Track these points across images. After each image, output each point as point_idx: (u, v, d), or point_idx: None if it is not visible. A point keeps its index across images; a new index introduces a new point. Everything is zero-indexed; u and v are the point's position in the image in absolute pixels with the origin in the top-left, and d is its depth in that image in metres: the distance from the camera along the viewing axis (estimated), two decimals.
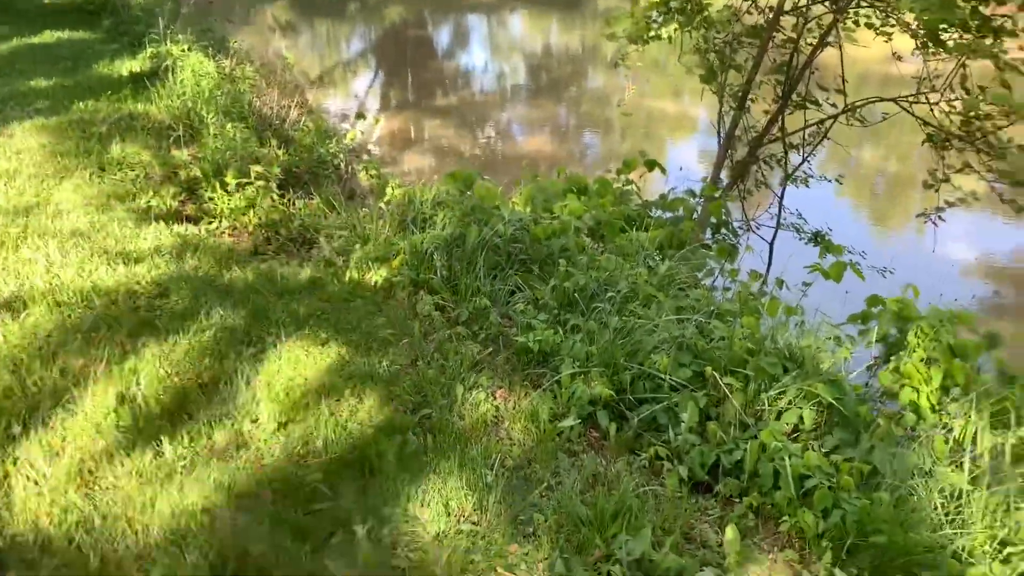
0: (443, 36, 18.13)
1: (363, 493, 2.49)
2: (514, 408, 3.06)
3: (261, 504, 2.41)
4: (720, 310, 3.69)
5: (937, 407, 2.97)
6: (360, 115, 6.46)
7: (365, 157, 6.80)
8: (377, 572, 2.19)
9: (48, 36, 8.80)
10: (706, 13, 5.36)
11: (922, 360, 3.09)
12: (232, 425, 2.75)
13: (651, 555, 2.35)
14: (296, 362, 3.14)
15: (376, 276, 3.92)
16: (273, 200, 4.68)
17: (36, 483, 2.40)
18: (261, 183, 4.78)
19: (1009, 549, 2.42)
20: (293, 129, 6.15)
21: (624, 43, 5.53)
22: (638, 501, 2.58)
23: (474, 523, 2.43)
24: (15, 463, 2.46)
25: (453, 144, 10.51)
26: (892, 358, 3.19)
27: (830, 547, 2.47)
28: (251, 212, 4.60)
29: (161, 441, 2.61)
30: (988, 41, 4.36)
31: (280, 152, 5.39)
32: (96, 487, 2.42)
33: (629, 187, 5.42)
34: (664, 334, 3.35)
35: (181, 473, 2.49)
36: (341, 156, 5.96)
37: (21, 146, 5.32)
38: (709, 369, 3.07)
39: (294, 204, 4.85)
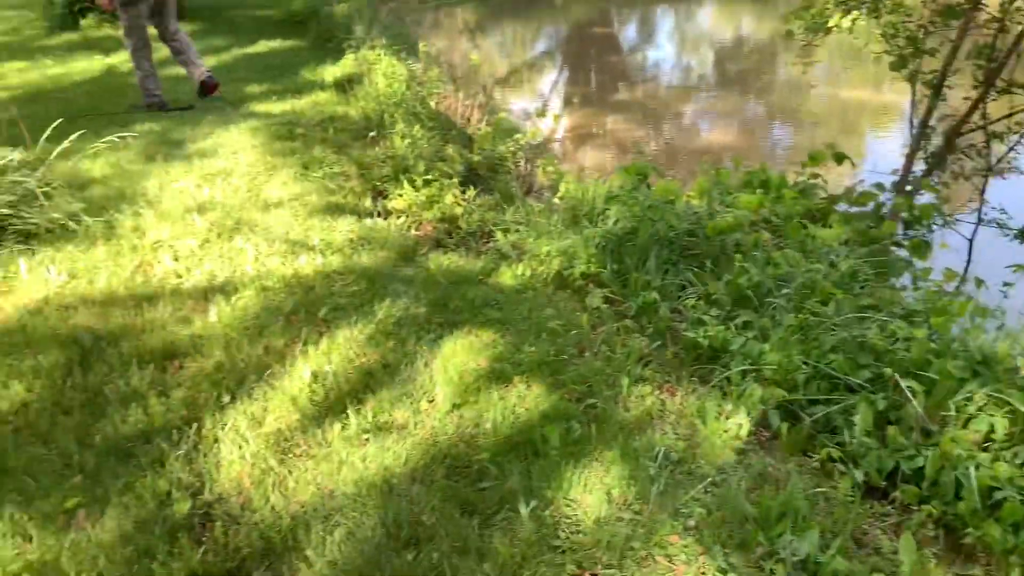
0: (628, 32, 18.07)
1: (528, 475, 2.59)
2: (680, 403, 3.06)
3: (434, 478, 2.57)
4: (907, 310, 3.49)
5: None
6: (540, 113, 6.62)
7: (545, 153, 6.95)
8: (538, 550, 2.28)
9: (261, 46, 9.66)
10: None
11: None
12: (410, 404, 2.94)
13: (817, 556, 2.29)
14: (470, 348, 3.30)
15: (547, 269, 4.03)
16: (455, 196, 4.91)
17: (240, 447, 2.68)
18: (445, 180, 5.04)
19: None
20: (476, 128, 6.40)
21: (805, 37, 5.35)
22: (807, 503, 2.51)
23: (635, 512, 2.47)
24: (223, 428, 2.77)
25: (634, 138, 10.47)
26: None
27: (1019, 565, 2.30)
28: (434, 207, 4.85)
29: (348, 415, 2.84)
30: None
31: (463, 150, 5.64)
32: (291, 453, 2.68)
33: (815, 181, 5.21)
34: (843, 333, 3.22)
35: (364, 444, 2.70)
36: (521, 153, 6.14)
37: (237, 146, 5.89)
38: (889, 371, 2.92)
39: (474, 199, 5.06)
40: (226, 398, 2.92)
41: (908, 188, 5.21)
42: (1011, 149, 5.39)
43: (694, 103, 12.85)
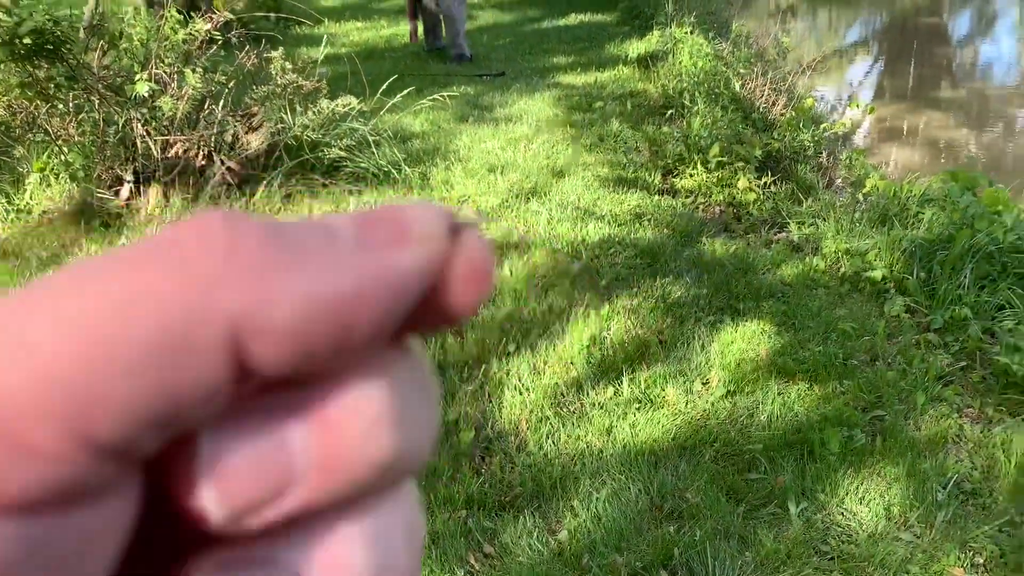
0: (961, 23, 16.30)
1: (800, 475, 2.50)
2: (982, 433, 2.78)
3: (701, 459, 2.57)
4: None
5: None
6: (851, 103, 6.21)
7: (850, 146, 6.53)
8: (805, 551, 2.21)
9: (572, 19, 9.95)
10: None
11: None
12: (684, 382, 2.95)
13: None
14: (751, 337, 3.22)
15: (844, 268, 3.80)
16: (749, 181, 4.78)
17: (520, 393, 2.85)
18: (740, 164, 4.91)
19: None
20: (780, 114, 6.16)
21: None
22: None
23: (916, 535, 2.30)
24: (508, 374, 2.96)
25: (952, 140, 9.50)
26: None
27: None
28: (725, 191, 4.76)
29: (622, 383, 2.91)
30: None
31: (763, 136, 5.45)
32: (565, 408, 2.80)
33: None
34: None
35: (635, 414, 2.75)
36: (824, 144, 5.82)
37: (539, 115, 6.16)
38: None
39: (769, 187, 4.89)
40: (512, 347, 3.11)
41: None
42: None
43: None
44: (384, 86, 5.21)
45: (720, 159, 4.92)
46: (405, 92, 5.39)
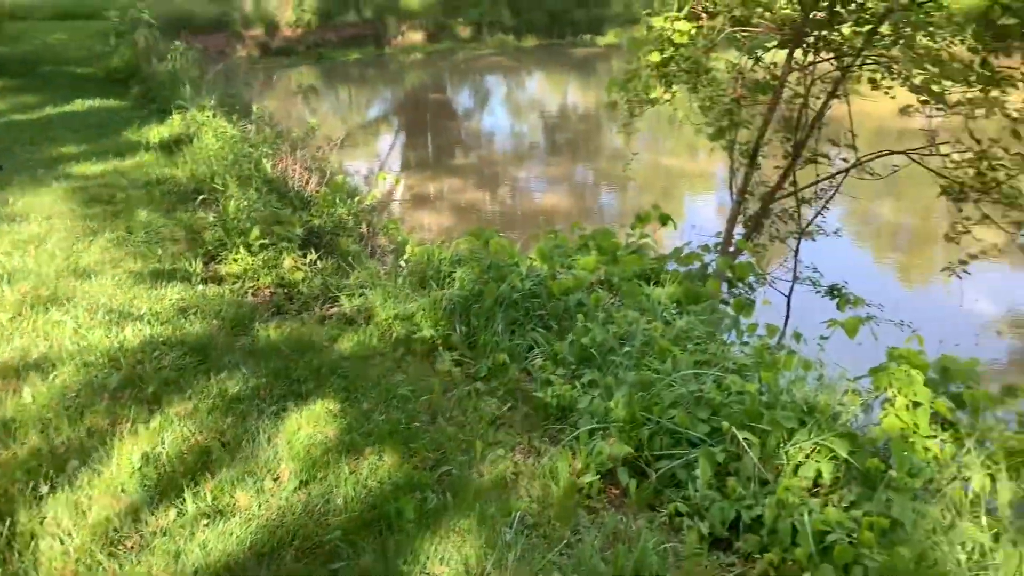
0: (462, 98, 18.51)
1: (382, 551, 2.50)
2: (533, 465, 3.07)
3: (283, 563, 2.43)
4: (738, 364, 3.70)
5: (952, 458, 2.95)
6: (380, 175, 6.61)
7: (386, 216, 6.92)
8: None
9: (79, 105, 9.12)
10: (712, 73, 5.51)
11: (906, 407, 3.09)
12: (253, 483, 2.78)
13: None
14: (317, 420, 3.18)
15: (395, 333, 3.97)
16: (295, 260, 4.78)
17: (62, 542, 2.43)
18: (283, 243, 4.89)
19: None
20: (316, 190, 6.29)
21: (627, 109, 5.71)
22: (658, 558, 2.57)
23: None
24: (41, 522, 2.51)
25: (472, 201, 10.68)
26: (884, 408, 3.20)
27: None
28: (273, 272, 4.69)
29: (184, 499, 2.64)
30: (994, 94, 4.43)
31: (302, 213, 5.51)
32: (121, 546, 2.45)
33: (645, 240, 5.48)
34: (682, 389, 3.36)
35: (204, 531, 2.51)
36: (362, 216, 6.08)
37: (51, 211, 5.48)
38: (726, 424, 3.07)
39: (316, 263, 4.94)
40: (44, 488, 2.65)
41: (730, 249, 5.58)
42: (818, 213, 5.95)
43: (527, 168, 13.29)
44: None
45: (262, 241, 4.85)
46: None
